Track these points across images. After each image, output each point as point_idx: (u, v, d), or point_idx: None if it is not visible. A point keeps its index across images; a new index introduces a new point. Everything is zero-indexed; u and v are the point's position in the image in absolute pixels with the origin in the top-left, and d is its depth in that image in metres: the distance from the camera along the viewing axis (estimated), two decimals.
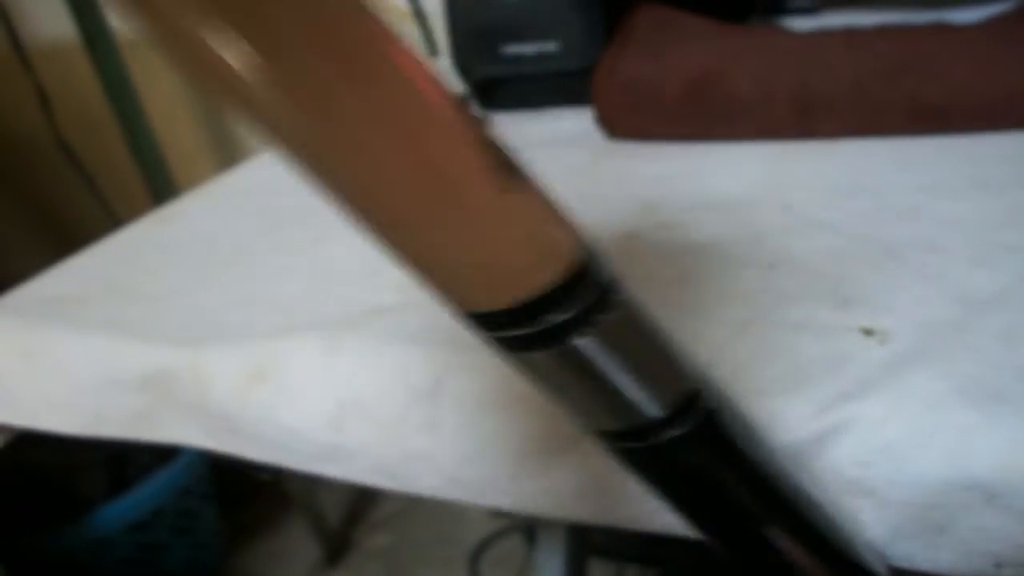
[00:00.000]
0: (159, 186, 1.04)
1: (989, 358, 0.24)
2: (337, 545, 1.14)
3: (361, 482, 0.30)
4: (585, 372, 0.15)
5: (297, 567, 1.12)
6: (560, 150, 0.51)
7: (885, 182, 0.39)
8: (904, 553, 0.23)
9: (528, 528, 1.17)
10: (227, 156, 1.23)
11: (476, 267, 0.14)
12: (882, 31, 0.48)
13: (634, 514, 0.26)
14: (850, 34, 0.47)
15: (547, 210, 0.14)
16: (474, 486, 0.28)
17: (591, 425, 0.17)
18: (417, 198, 0.13)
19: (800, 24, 0.58)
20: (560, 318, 0.14)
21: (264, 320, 0.33)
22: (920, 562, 0.23)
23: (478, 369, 0.28)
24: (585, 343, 0.15)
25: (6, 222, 1.38)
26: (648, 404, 0.16)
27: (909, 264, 0.31)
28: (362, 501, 1.22)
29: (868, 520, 0.24)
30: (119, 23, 0.97)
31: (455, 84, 0.61)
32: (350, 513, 1.21)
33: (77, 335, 0.35)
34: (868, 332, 0.27)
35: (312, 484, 1.15)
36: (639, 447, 0.17)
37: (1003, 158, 0.40)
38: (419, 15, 0.98)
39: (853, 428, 0.23)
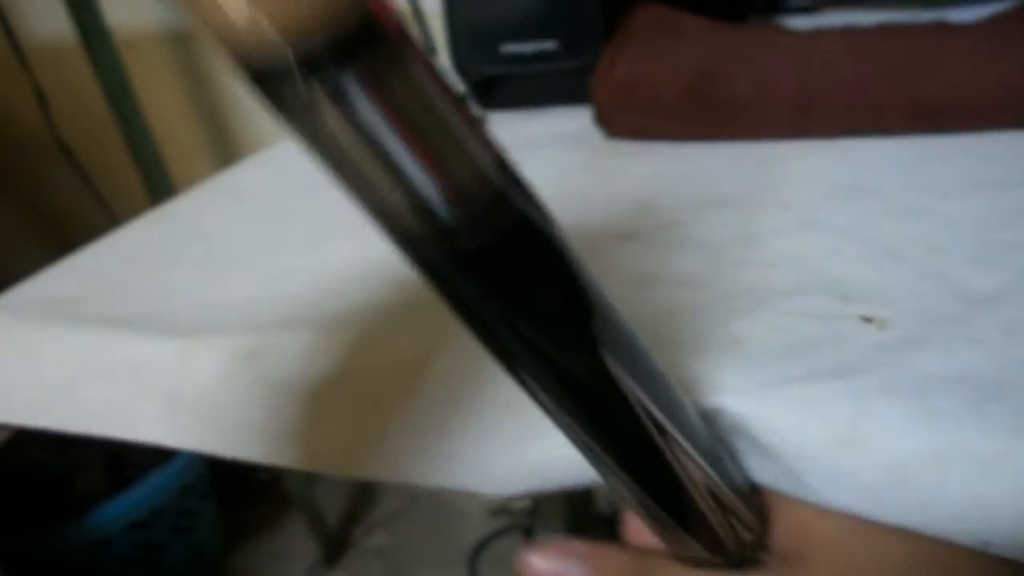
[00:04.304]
0: (157, 185, 1.04)
1: (990, 350, 0.25)
2: (336, 545, 1.14)
3: None
4: (357, 128, 0.13)
5: (296, 567, 1.12)
6: (558, 149, 0.51)
7: (884, 181, 0.39)
8: (893, 513, 0.23)
9: (526, 528, 1.17)
10: (225, 155, 1.23)
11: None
12: (881, 30, 0.48)
13: None
14: (849, 33, 0.48)
15: None
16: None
17: (389, 224, 0.15)
18: None
19: (799, 23, 0.58)
20: (316, 48, 0.12)
21: (260, 318, 0.33)
22: (910, 523, 0.23)
23: (460, 358, 0.28)
24: (348, 82, 0.13)
25: (4, 221, 1.38)
26: (440, 196, 0.14)
27: (909, 263, 0.31)
28: (361, 501, 1.22)
29: (855, 474, 0.23)
30: (117, 22, 0.97)
31: (455, 83, 0.61)
32: (349, 513, 1.21)
33: (76, 334, 0.35)
34: (868, 319, 0.27)
35: (311, 483, 1.15)
36: (439, 258, 0.15)
37: (1003, 157, 0.40)
38: (418, 14, 0.98)
39: (848, 399, 0.23)
